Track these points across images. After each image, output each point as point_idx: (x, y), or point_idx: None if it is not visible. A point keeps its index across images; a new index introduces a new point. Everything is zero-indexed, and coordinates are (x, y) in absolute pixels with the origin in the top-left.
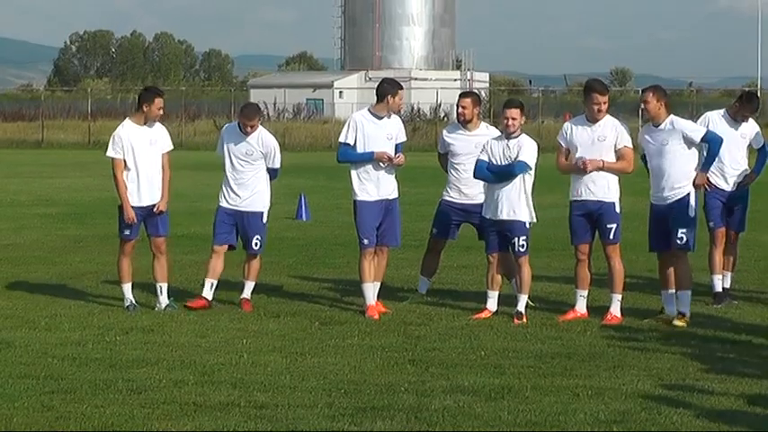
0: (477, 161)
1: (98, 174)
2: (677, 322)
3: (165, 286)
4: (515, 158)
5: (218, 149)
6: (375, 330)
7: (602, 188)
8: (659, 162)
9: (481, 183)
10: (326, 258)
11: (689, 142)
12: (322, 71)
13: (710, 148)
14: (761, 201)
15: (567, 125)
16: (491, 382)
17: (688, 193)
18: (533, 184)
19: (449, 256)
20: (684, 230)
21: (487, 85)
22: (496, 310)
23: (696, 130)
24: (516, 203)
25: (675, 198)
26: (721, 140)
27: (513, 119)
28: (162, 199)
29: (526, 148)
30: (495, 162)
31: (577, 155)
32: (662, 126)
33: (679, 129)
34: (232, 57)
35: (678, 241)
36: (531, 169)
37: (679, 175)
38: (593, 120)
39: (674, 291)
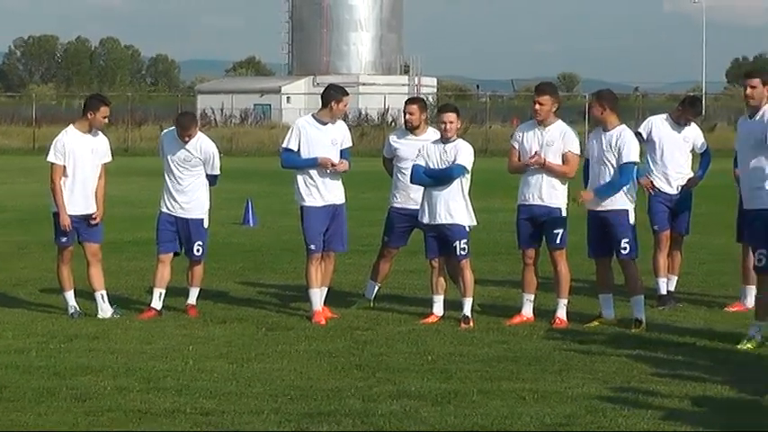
0: (414, 166)
1: (43, 179)
2: (634, 330)
3: (104, 293)
4: (453, 162)
5: (160, 154)
6: (322, 336)
7: (549, 193)
8: (599, 169)
9: None
10: (273, 264)
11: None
12: (270, 76)
13: (621, 177)
14: (704, 204)
15: (520, 127)
16: (437, 386)
17: (625, 208)
18: (470, 188)
19: (396, 260)
20: (627, 240)
21: (435, 89)
22: (443, 315)
23: (623, 155)
24: (454, 207)
25: (613, 208)
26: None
27: (451, 122)
28: (98, 210)
29: (463, 152)
30: (431, 166)
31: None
32: (610, 132)
33: (618, 144)
34: (179, 62)
35: (623, 251)
36: (468, 172)
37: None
38: (541, 124)
39: (611, 294)
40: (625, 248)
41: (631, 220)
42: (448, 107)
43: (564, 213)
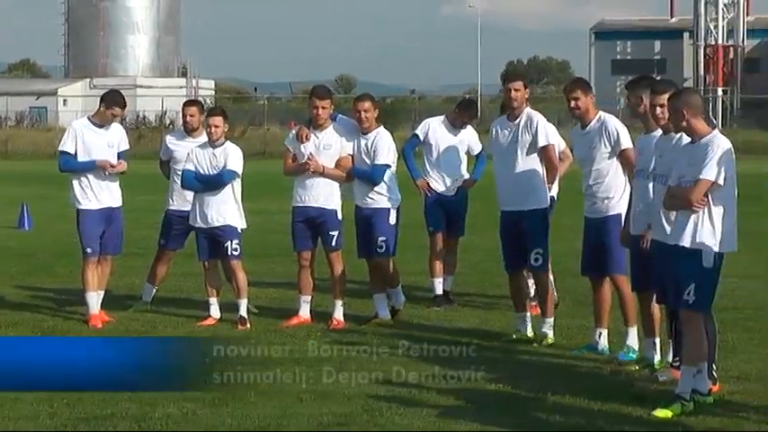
0: (184, 171)
1: None
2: (371, 322)
3: None
4: (223, 166)
5: None
6: None
7: (324, 195)
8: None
9: None
10: (49, 267)
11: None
12: (46, 78)
13: (373, 177)
14: (479, 205)
15: (296, 132)
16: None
17: (388, 207)
18: (242, 190)
19: (173, 263)
20: (383, 239)
21: (213, 92)
22: (221, 317)
23: (376, 157)
24: (225, 210)
25: (377, 207)
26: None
27: (216, 126)
28: None
29: (232, 156)
30: (201, 170)
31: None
32: (368, 135)
33: (373, 147)
34: None
35: (378, 249)
36: (238, 176)
37: (382, 186)
38: (318, 127)
39: (384, 294)
40: (381, 247)
41: (392, 219)
42: (214, 110)
43: (339, 216)
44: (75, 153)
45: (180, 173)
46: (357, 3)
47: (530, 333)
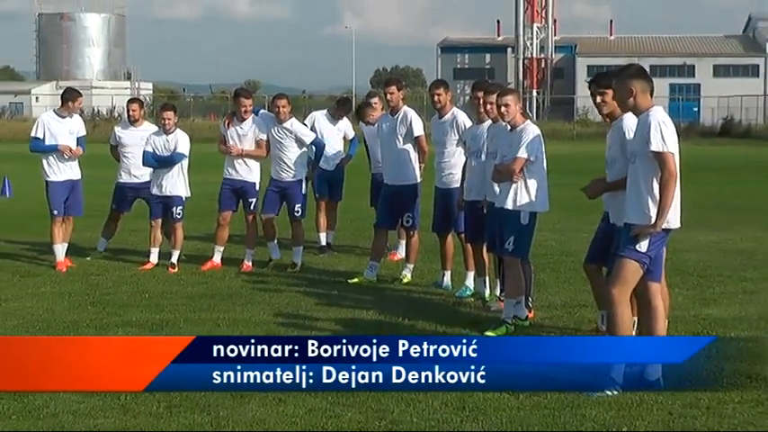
0: (144, 152)
1: None
2: (290, 270)
3: None
4: (173, 149)
5: None
6: (63, 280)
7: (246, 171)
8: (277, 152)
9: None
10: (26, 226)
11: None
12: (22, 81)
13: (318, 146)
14: (354, 177)
15: (224, 121)
16: (153, 317)
17: (300, 179)
18: (189, 166)
19: (121, 222)
20: (299, 205)
21: (151, 92)
22: (158, 263)
23: (306, 137)
24: (175, 182)
25: (286, 180)
26: (317, 147)
27: (169, 119)
28: None
29: (182, 141)
30: (158, 152)
31: (230, 143)
32: (285, 124)
33: (294, 132)
34: None
35: (296, 214)
36: (186, 157)
37: (294, 164)
38: (241, 119)
39: (275, 242)
40: (298, 212)
41: (303, 190)
42: (167, 106)
43: (257, 187)
44: (44, 138)
45: (127, 155)
46: (260, 26)
47: (372, 278)
